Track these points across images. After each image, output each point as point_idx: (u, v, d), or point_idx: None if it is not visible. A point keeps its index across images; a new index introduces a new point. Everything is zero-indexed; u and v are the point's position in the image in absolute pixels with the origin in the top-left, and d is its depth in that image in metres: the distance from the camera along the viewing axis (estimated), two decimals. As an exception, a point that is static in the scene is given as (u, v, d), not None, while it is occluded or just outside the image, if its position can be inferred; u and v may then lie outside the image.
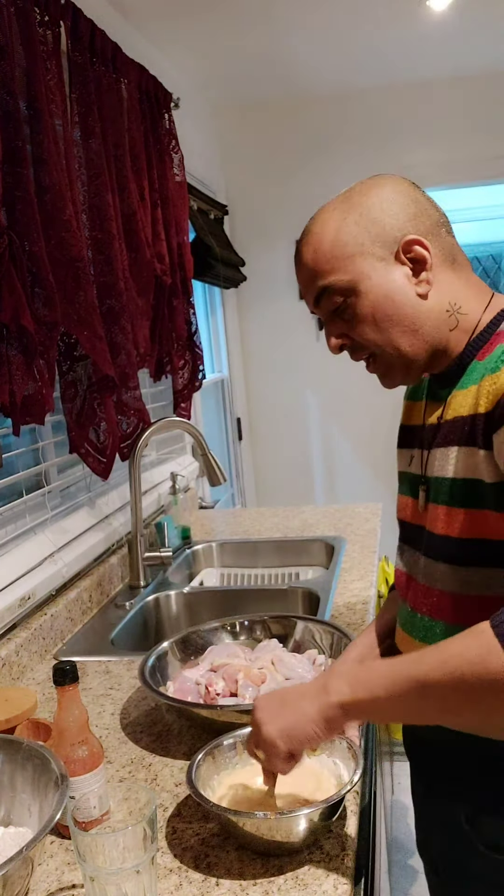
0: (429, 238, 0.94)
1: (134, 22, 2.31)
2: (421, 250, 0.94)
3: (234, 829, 0.88)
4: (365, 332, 0.96)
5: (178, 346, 2.25)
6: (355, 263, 0.94)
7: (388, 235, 0.94)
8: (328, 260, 0.95)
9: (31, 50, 1.39)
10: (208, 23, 2.44)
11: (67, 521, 1.79)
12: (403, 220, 0.94)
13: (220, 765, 0.99)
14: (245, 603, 1.81)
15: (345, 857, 0.87)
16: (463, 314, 0.96)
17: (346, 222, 0.95)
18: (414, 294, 0.94)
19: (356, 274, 0.94)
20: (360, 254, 0.94)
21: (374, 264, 0.94)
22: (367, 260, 0.94)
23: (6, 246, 1.28)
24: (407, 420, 1.12)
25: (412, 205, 0.95)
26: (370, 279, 0.94)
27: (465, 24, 2.65)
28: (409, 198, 0.96)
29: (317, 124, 3.42)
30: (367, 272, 0.94)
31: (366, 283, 0.94)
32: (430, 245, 0.94)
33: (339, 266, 0.95)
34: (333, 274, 0.95)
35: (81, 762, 0.93)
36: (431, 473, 0.97)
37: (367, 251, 0.94)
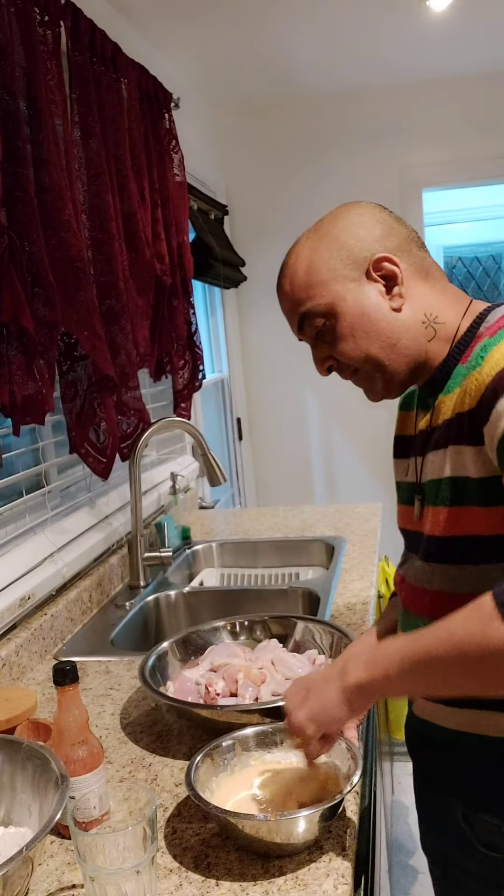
0: (398, 254, 0.99)
1: (134, 22, 2.31)
2: (390, 266, 0.98)
3: (233, 830, 0.88)
4: (346, 351, 1.01)
5: (178, 346, 2.25)
6: (329, 287, 0.99)
7: (357, 256, 0.98)
8: (304, 288, 1.00)
9: (31, 50, 1.39)
10: (208, 23, 2.44)
11: (67, 521, 1.79)
12: (371, 240, 0.99)
13: (218, 766, 0.99)
14: (245, 603, 1.81)
15: (345, 858, 0.87)
16: (440, 323, 0.99)
17: (318, 250, 1.00)
18: (388, 309, 0.98)
19: (332, 297, 0.99)
20: (332, 278, 0.99)
21: (348, 286, 0.99)
22: (341, 282, 0.99)
23: (6, 246, 1.28)
24: (401, 430, 1.15)
25: (378, 225, 1.00)
26: (345, 300, 0.98)
27: (465, 24, 2.65)
28: (374, 219, 1.00)
29: (317, 124, 3.42)
30: (342, 294, 0.99)
31: (341, 305, 0.99)
32: (399, 261, 0.98)
33: (316, 292, 1.00)
34: (311, 300, 1.00)
35: (81, 762, 0.93)
36: (425, 479, 1.00)
37: (340, 274, 0.99)
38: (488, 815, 0.97)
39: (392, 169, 3.41)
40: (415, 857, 2.17)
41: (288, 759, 1.01)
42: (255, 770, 1.01)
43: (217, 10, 2.34)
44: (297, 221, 3.47)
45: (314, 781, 0.97)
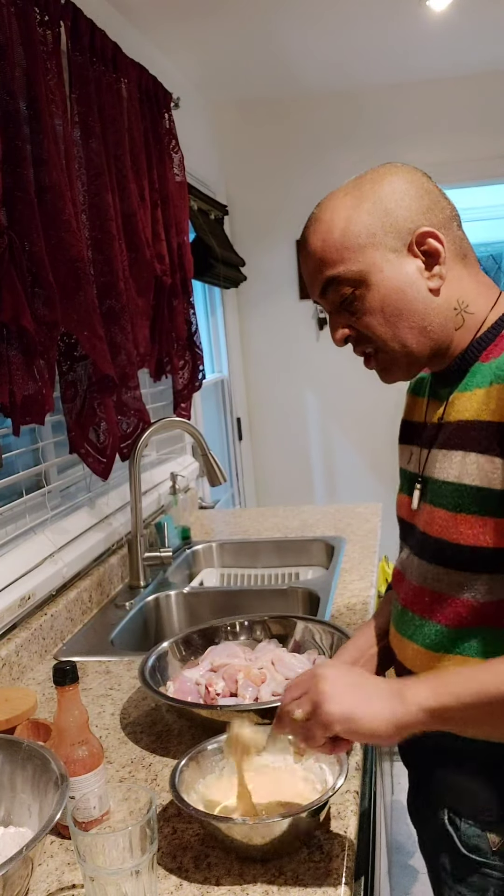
0: (442, 231, 0.92)
1: (134, 22, 2.31)
2: (435, 243, 0.91)
3: (214, 832, 0.87)
4: (372, 326, 0.94)
5: (178, 346, 2.25)
6: (366, 254, 0.91)
7: (401, 227, 0.91)
8: (338, 249, 0.92)
9: (31, 50, 1.39)
10: (208, 23, 2.44)
11: (67, 521, 1.79)
12: (416, 211, 0.91)
13: (206, 768, 0.98)
14: (245, 603, 1.81)
15: (345, 857, 0.87)
16: (469, 313, 0.94)
17: (359, 211, 0.92)
18: (426, 289, 0.92)
19: (367, 265, 0.91)
20: (371, 244, 0.91)
21: (387, 255, 0.91)
22: (379, 251, 0.91)
23: (6, 246, 1.28)
24: (409, 415, 1.11)
25: (425, 196, 0.93)
26: (382, 271, 0.91)
27: (465, 23, 2.65)
28: (422, 189, 0.93)
29: (317, 124, 3.42)
30: (378, 264, 0.91)
31: (377, 275, 0.91)
32: (443, 238, 0.92)
33: (350, 256, 0.92)
34: (343, 264, 0.92)
35: (81, 762, 0.93)
36: (430, 474, 0.96)
37: (380, 242, 0.91)
38: (471, 821, 0.95)
39: (392, 169, 3.40)
40: (415, 858, 2.17)
41: (278, 762, 1.00)
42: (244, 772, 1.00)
43: (217, 11, 2.34)
44: (298, 221, 3.48)
45: (303, 783, 0.96)
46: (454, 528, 0.90)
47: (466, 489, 0.88)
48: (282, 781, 0.97)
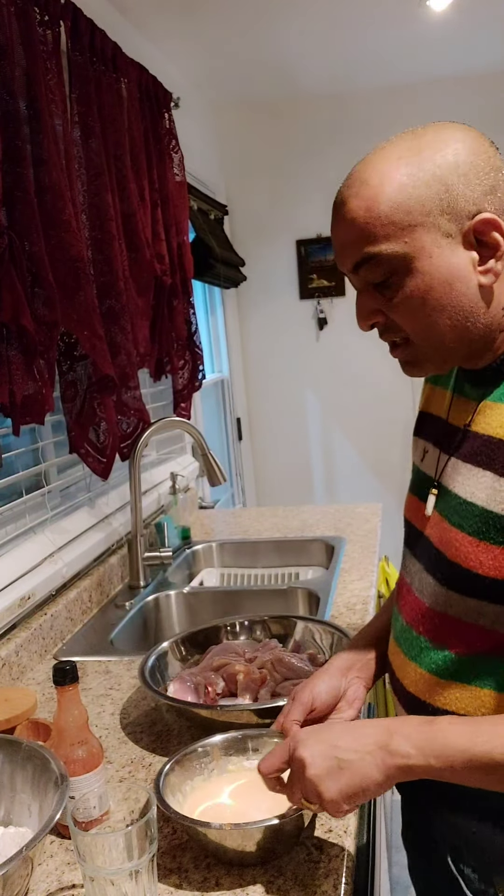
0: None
1: (134, 21, 2.31)
2: (496, 235, 0.79)
3: (194, 836, 0.87)
4: (408, 316, 0.83)
5: (177, 346, 2.25)
6: (416, 235, 0.79)
7: (461, 208, 0.78)
8: (384, 224, 0.79)
9: (31, 50, 1.39)
10: (208, 22, 2.44)
11: (67, 521, 1.79)
12: (481, 192, 0.78)
13: (194, 770, 0.97)
14: (245, 603, 1.81)
15: (345, 857, 0.87)
16: None
17: (415, 182, 0.78)
18: (476, 284, 0.80)
19: (415, 248, 0.79)
20: (423, 225, 0.78)
21: (439, 240, 0.79)
22: (431, 234, 0.79)
23: (6, 246, 1.28)
24: (426, 406, 1.01)
25: (493, 174, 0.79)
26: (430, 257, 0.79)
27: (465, 24, 2.65)
28: (489, 164, 0.79)
29: (317, 124, 3.42)
30: (428, 248, 0.79)
31: (424, 262, 0.79)
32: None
33: (397, 234, 0.79)
34: (387, 242, 0.79)
35: (81, 762, 0.93)
36: (449, 485, 0.87)
37: (433, 223, 0.78)
38: (478, 870, 0.88)
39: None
40: None
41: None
42: (232, 776, 0.99)
43: (217, 10, 2.34)
44: (298, 221, 3.49)
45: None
46: (474, 555, 0.81)
47: (494, 517, 0.79)
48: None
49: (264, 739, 1.00)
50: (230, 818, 0.90)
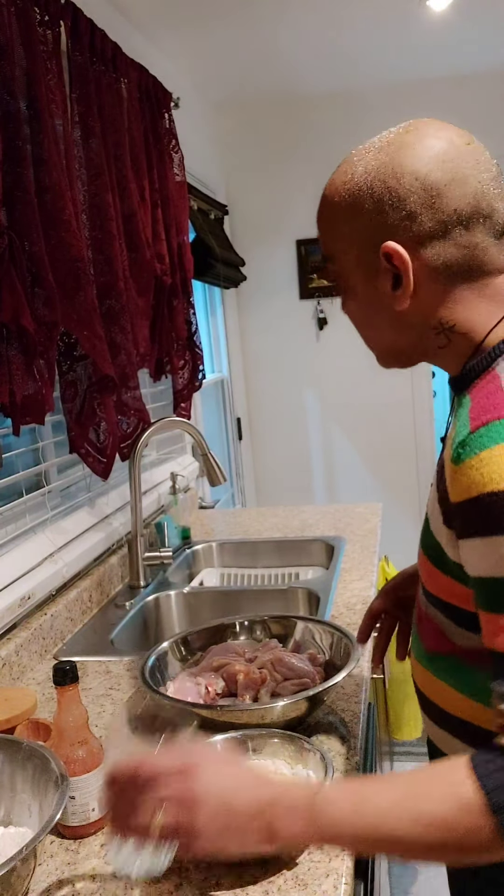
0: (427, 242, 0.78)
1: (134, 22, 2.31)
2: (398, 262, 0.79)
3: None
4: (349, 316, 0.90)
5: (177, 346, 2.25)
6: (343, 254, 0.83)
7: (370, 237, 0.80)
8: (325, 230, 0.84)
9: (31, 50, 1.39)
10: (208, 23, 2.44)
11: (67, 521, 1.79)
12: (405, 212, 0.77)
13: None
14: (245, 603, 1.81)
15: (345, 857, 0.87)
16: (458, 333, 0.81)
17: (359, 187, 0.80)
18: (391, 307, 0.82)
19: (342, 266, 0.84)
20: (349, 243, 0.82)
21: (359, 260, 0.82)
22: (353, 253, 0.82)
23: (6, 246, 1.28)
24: None
25: (414, 198, 0.77)
26: (352, 275, 0.84)
27: (465, 24, 2.65)
28: (411, 189, 0.77)
29: (317, 124, 3.42)
30: (350, 268, 0.83)
31: (350, 279, 0.84)
32: (412, 255, 0.78)
33: (331, 245, 0.84)
34: (325, 247, 0.85)
35: (81, 762, 0.93)
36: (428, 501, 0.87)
37: (356, 241, 0.81)
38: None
39: (392, 169, 3.40)
40: None
41: (266, 766, 1.00)
42: None
43: (217, 10, 2.34)
44: (298, 221, 3.49)
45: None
46: (424, 570, 0.85)
47: (433, 543, 0.80)
48: None
49: (264, 739, 1.01)
50: None
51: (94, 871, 0.89)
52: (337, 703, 1.22)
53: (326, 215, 0.84)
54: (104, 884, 0.87)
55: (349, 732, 1.13)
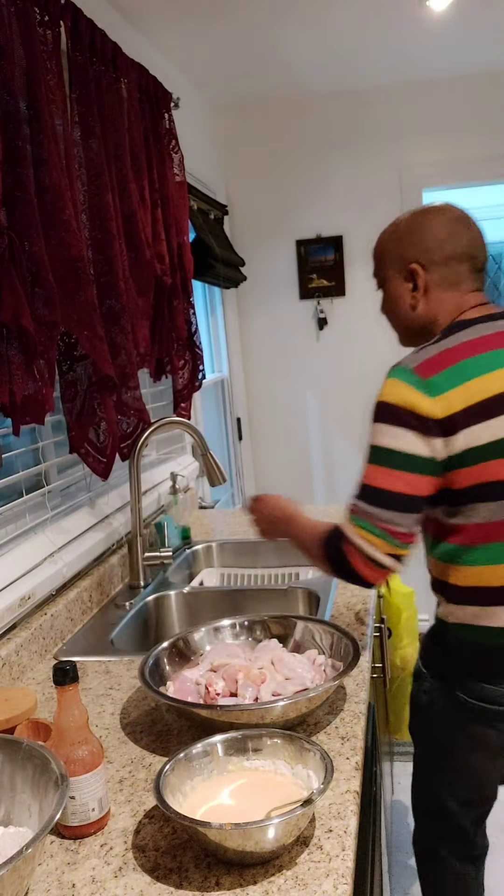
0: (432, 266, 1.34)
1: (134, 22, 2.31)
2: (416, 278, 1.36)
3: (194, 835, 0.87)
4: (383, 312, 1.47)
5: (178, 346, 2.25)
6: (385, 272, 1.41)
7: (404, 259, 1.36)
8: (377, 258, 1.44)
9: (31, 50, 1.39)
10: (208, 23, 2.44)
11: (67, 521, 1.79)
12: (419, 249, 1.34)
13: (194, 770, 0.98)
14: (245, 603, 1.81)
15: (345, 857, 0.87)
16: (439, 325, 1.36)
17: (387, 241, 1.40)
18: (408, 304, 1.38)
19: (385, 276, 1.42)
20: (389, 265, 1.40)
21: (395, 275, 1.39)
22: (392, 271, 1.40)
23: (6, 246, 1.28)
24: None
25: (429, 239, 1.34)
26: (389, 282, 1.41)
27: (465, 24, 2.65)
28: (428, 233, 1.34)
29: (317, 124, 3.42)
30: (390, 278, 1.40)
31: (389, 284, 1.41)
32: (428, 272, 1.34)
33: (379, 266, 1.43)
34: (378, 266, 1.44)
35: (81, 762, 0.93)
36: None
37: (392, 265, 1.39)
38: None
39: (392, 169, 3.41)
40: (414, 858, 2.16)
41: (266, 766, 1.00)
42: (232, 776, 0.99)
43: (217, 11, 2.34)
44: (298, 221, 3.49)
45: (294, 787, 0.96)
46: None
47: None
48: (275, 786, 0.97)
49: (264, 739, 1.01)
50: (230, 818, 0.90)
51: (94, 871, 0.89)
52: (337, 703, 1.22)
53: (380, 246, 1.41)
54: (104, 884, 0.87)
55: (349, 732, 1.13)
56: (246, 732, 1.02)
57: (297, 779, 0.97)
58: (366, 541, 1.22)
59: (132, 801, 1.01)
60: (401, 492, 1.22)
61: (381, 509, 1.22)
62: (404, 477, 1.22)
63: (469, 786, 1.42)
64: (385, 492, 1.23)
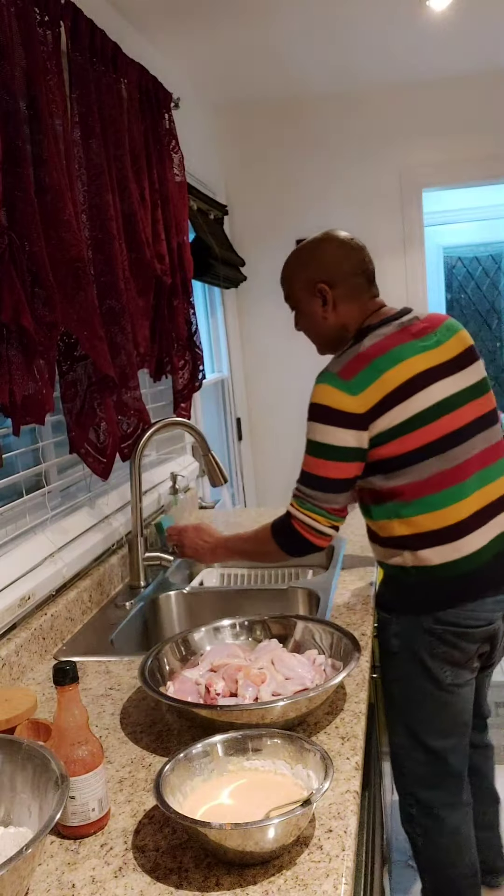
0: (337, 282, 1.59)
1: (134, 22, 2.31)
2: (325, 295, 1.59)
3: (195, 836, 0.87)
4: (303, 330, 1.72)
5: (178, 346, 2.25)
6: (297, 295, 1.65)
7: (312, 277, 1.60)
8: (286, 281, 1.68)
9: (31, 50, 1.39)
10: (208, 23, 2.44)
11: (67, 521, 1.79)
12: (322, 269, 1.59)
13: (194, 771, 0.98)
14: (245, 603, 1.81)
15: (345, 857, 0.87)
16: (349, 332, 1.61)
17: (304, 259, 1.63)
18: (321, 317, 1.62)
19: (297, 299, 1.66)
20: (300, 287, 1.63)
21: (306, 295, 1.63)
22: (304, 292, 1.63)
23: (6, 246, 1.28)
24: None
25: (332, 258, 1.59)
26: (301, 302, 1.65)
27: (465, 24, 2.65)
28: (331, 256, 1.60)
29: (317, 124, 3.42)
30: (303, 300, 1.64)
31: (302, 306, 1.65)
32: (333, 287, 1.59)
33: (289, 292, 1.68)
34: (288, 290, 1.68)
35: (81, 762, 0.93)
36: None
37: (303, 286, 1.63)
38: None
39: (392, 169, 3.41)
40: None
41: (266, 766, 1.00)
42: (232, 776, 0.99)
43: (217, 11, 2.34)
44: (298, 221, 3.49)
45: (294, 787, 0.95)
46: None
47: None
48: (275, 786, 0.97)
49: (264, 739, 1.01)
50: (230, 818, 0.90)
51: (93, 871, 0.89)
52: (337, 703, 1.22)
53: (288, 273, 1.65)
54: (104, 884, 0.87)
55: (349, 732, 1.13)
56: (246, 732, 1.02)
57: (297, 779, 0.97)
58: (310, 517, 1.53)
59: (132, 801, 1.01)
60: (334, 477, 1.51)
61: (320, 492, 1.52)
62: (337, 465, 1.50)
63: (448, 714, 1.59)
64: (322, 478, 1.51)
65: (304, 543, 1.55)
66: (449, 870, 1.67)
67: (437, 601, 1.53)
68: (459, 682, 1.57)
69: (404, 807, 1.69)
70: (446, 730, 1.60)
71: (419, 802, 1.65)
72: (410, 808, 1.67)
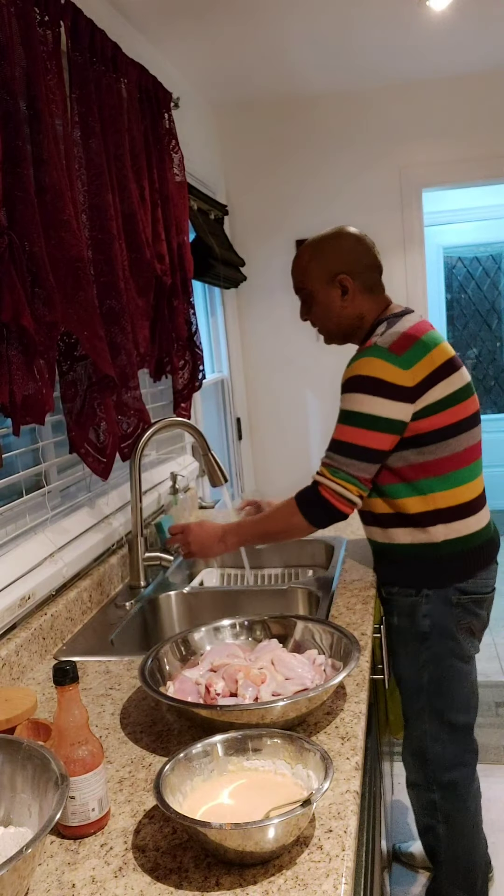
0: (355, 275, 1.68)
1: (134, 22, 2.32)
2: (346, 285, 1.69)
3: (194, 836, 0.87)
4: (315, 321, 1.77)
5: (178, 346, 2.25)
6: (310, 280, 1.72)
7: (332, 270, 1.69)
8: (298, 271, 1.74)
9: (31, 50, 1.39)
10: (208, 23, 2.44)
11: (67, 521, 1.79)
12: (342, 262, 1.68)
13: (194, 770, 0.98)
14: (245, 603, 1.81)
15: (345, 857, 0.87)
16: (366, 321, 1.72)
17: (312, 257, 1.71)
18: (339, 307, 1.71)
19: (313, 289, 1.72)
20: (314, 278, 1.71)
21: (323, 285, 1.71)
22: (319, 282, 1.71)
23: (6, 246, 1.28)
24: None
25: (352, 253, 1.69)
26: (319, 292, 1.72)
27: (465, 24, 2.65)
28: (351, 249, 1.69)
29: (317, 124, 3.42)
30: (318, 289, 1.71)
31: (318, 296, 1.72)
32: (354, 279, 1.68)
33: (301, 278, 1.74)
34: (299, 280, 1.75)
35: (81, 762, 0.93)
36: None
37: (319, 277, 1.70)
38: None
39: (392, 169, 3.41)
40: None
41: (266, 766, 1.00)
42: (232, 776, 0.99)
43: (217, 10, 2.34)
44: (298, 221, 3.49)
45: (295, 787, 0.95)
46: None
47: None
48: (275, 786, 0.97)
49: (264, 739, 1.01)
50: (230, 818, 0.90)
51: (94, 871, 0.89)
52: (337, 703, 1.22)
53: (303, 263, 1.71)
54: (104, 884, 0.87)
55: (349, 732, 1.13)
56: (246, 732, 1.02)
57: (297, 779, 0.97)
58: (341, 485, 1.59)
59: (132, 801, 1.01)
60: (374, 447, 1.58)
61: (356, 460, 1.59)
62: (377, 436, 1.57)
63: (468, 685, 1.71)
64: (361, 447, 1.58)
65: (333, 511, 1.61)
66: (472, 854, 1.77)
67: (465, 571, 1.66)
68: (474, 651, 1.72)
69: (425, 796, 1.76)
70: (468, 703, 1.72)
71: (442, 787, 1.74)
72: (432, 795, 1.74)
